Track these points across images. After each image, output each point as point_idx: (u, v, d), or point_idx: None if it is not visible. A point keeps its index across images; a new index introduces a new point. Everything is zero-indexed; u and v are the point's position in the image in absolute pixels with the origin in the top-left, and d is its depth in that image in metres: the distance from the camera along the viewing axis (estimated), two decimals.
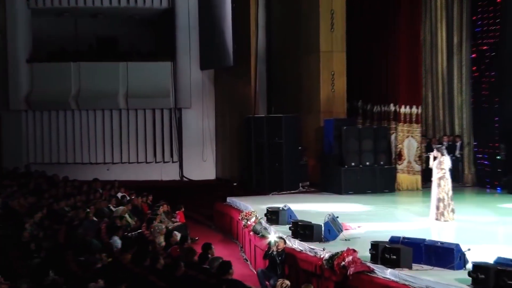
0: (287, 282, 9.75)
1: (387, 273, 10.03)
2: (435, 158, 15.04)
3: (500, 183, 19.96)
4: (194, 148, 25.85)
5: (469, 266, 9.42)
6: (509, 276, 8.64)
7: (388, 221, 15.02)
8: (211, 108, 26.20)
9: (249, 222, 15.24)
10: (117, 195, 19.51)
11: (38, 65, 25.54)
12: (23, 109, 25.64)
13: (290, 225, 13.33)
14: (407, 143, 20.36)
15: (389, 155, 20.28)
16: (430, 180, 15.38)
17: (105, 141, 25.73)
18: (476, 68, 21.35)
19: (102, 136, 25.71)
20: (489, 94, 20.97)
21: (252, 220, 15.20)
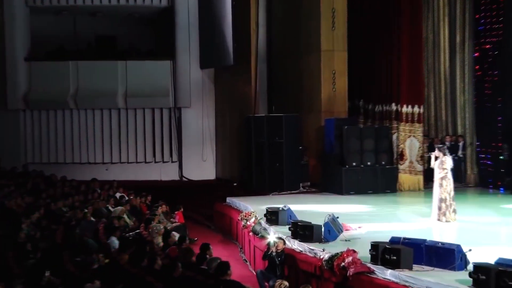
0: (286, 283, 9.68)
1: (387, 274, 10.00)
2: (437, 158, 14.95)
3: (503, 184, 19.89)
4: (194, 148, 25.73)
5: (470, 267, 9.37)
6: (510, 277, 8.58)
7: (389, 222, 14.98)
8: (211, 108, 26.09)
9: (249, 223, 15.21)
10: (116, 195, 19.52)
11: (36, 64, 25.42)
12: (21, 109, 25.53)
13: (290, 226, 13.25)
14: (409, 143, 20.32)
15: (391, 155, 20.25)
16: (432, 181, 15.31)
17: (104, 141, 25.62)
18: (479, 67, 21.31)
19: (101, 136, 25.60)
20: (492, 94, 20.92)
21: (252, 221, 15.15)
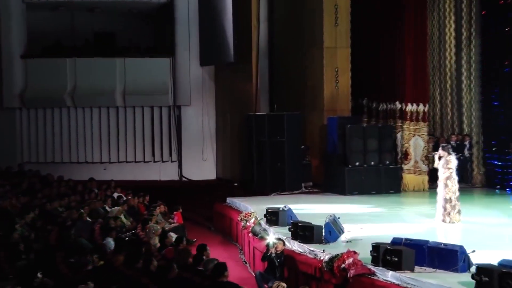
0: (283, 285, 9.51)
1: (389, 276, 9.94)
2: (441, 158, 14.75)
3: (510, 184, 19.65)
4: (194, 147, 25.51)
5: (474, 269, 9.33)
6: None
7: (393, 223, 14.92)
8: (211, 106, 25.88)
9: (248, 223, 15.14)
10: (113, 195, 19.47)
11: (33, 61, 25.16)
12: (17, 107, 25.32)
13: (290, 226, 13.14)
14: (414, 142, 20.25)
15: (395, 155, 20.17)
16: (437, 181, 15.05)
17: (102, 140, 25.36)
18: (486, 64, 20.93)
19: (99, 135, 25.35)
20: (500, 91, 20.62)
21: (251, 221, 15.08)
